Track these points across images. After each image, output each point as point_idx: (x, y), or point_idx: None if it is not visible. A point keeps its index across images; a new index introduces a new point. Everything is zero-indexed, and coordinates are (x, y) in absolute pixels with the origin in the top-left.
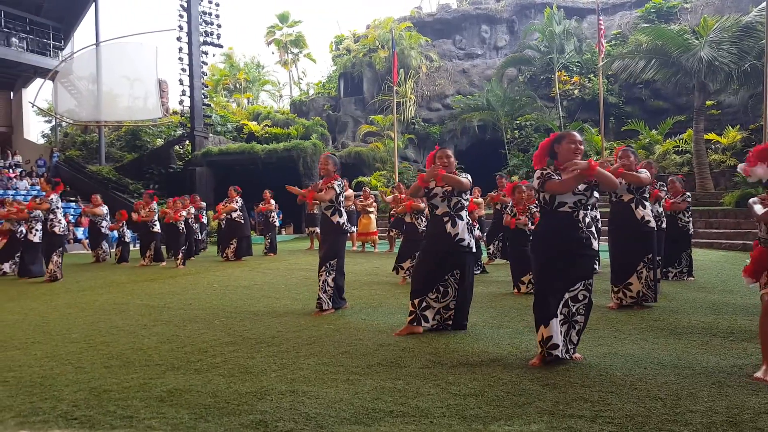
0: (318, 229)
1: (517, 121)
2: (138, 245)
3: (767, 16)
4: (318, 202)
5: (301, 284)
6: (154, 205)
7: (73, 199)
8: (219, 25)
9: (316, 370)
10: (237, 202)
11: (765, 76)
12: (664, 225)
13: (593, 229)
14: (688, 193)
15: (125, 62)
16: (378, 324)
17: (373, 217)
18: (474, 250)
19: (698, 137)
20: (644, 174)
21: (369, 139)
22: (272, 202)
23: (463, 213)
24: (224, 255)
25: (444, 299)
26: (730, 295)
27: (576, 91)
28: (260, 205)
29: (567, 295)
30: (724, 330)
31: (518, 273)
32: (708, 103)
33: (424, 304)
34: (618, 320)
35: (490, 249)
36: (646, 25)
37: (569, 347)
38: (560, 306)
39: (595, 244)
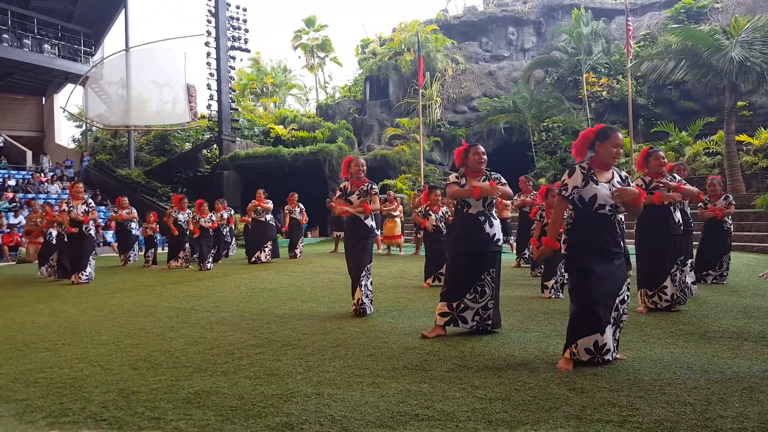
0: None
1: (544, 123)
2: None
3: None
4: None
5: (326, 287)
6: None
7: (105, 203)
8: (246, 30)
9: (342, 372)
10: (269, 203)
11: None
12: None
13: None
14: (730, 195)
15: (154, 67)
16: (403, 327)
17: (398, 220)
18: None
19: (729, 139)
20: (694, 188)
21: (394, 142)
22: (300, 205)
23: (494, 211)
24: (254, 259)
25: (482, 299)
26: (762, 299)
27: (604, 93)
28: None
29: (617, 300)
30: (755, 334)
31: (545, 278)
32: (739, 104)
33: (462, 305)
34: (647, 324)
35: (525, 253)
36: (675, 25)
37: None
38: (612, 312)
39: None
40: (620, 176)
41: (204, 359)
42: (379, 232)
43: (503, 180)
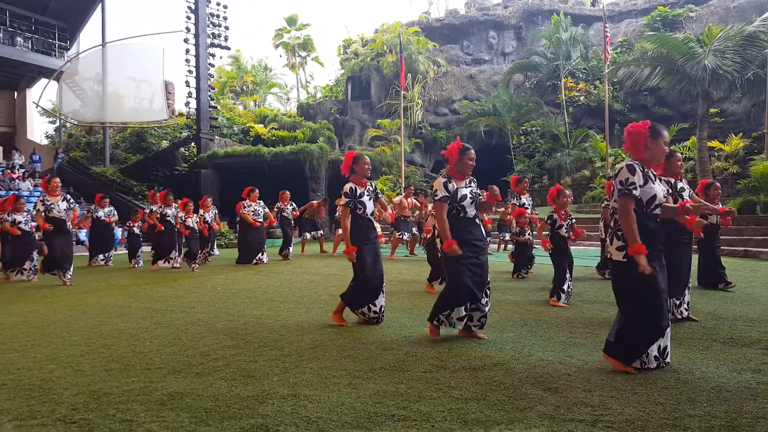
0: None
1: (523, 127)
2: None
3: None
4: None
5: (305, 288)
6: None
7: (78, 201)
8: (227, 27)
9: (319, 374)
10: (293, 204)
11: (767, 85)
12: None
13: None
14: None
15: (131, 63)
16: (381, 328)
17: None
18: None
19: (702, 144)
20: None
21: (376, 143)
22: (293, 203)
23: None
24: (256, 260)
25: (488, 305)
26: (730, 302)
27: (582, 98)
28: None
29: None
30: (723, 336)
31: (560, 282)
32: (711, 111)
33: (473, 306)
34: None
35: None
36: (651, 33)
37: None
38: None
39: None
40: (655, 174)
41: (178, 360)
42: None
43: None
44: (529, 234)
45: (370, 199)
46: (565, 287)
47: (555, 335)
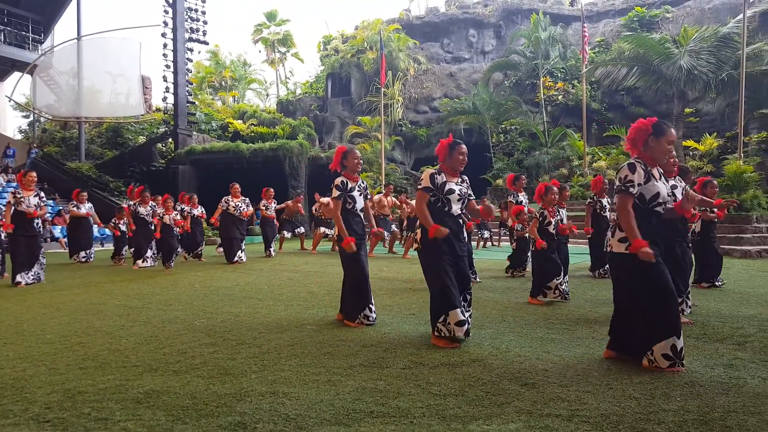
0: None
1: (503, 126)
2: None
3: (743, 28)
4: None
5: (284, 285)
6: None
7: (53, 197)
8: (205, 22)
9: (298, 371)
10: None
11: (741, 86)
12: None
13: None
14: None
15: (108, 57)
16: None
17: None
18: None
19: (677, 144)
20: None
21: (356, 140)
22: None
23: None
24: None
25: (469, 308)
26: (703, 298)
27: (560, 97)
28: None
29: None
30: (696, 332)
31: (544, 279)
32: (687, 110)
33: (466, 314)
34: (596, 322)
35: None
36: (628, 33)
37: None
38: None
39: None
40: (660, 172)
41: (155, 358)
42: (330, 232)
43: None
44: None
45: (360, 195)
46: (554, 285)
47: (532, 332)
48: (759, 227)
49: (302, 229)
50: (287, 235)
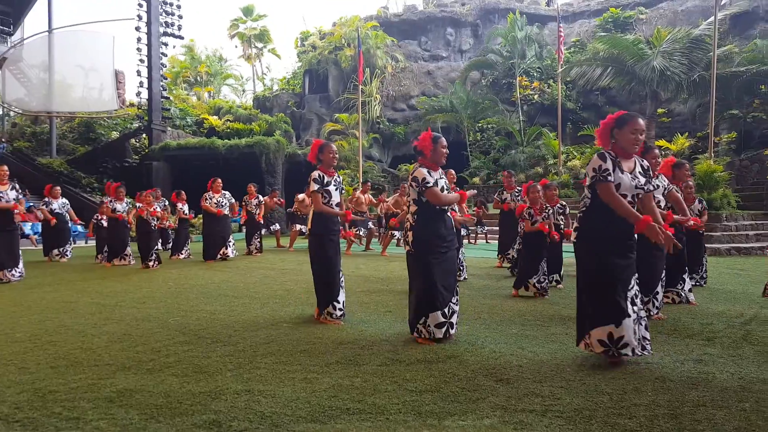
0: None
1: (479, 124)
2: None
3: (714, 30)
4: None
5: (260, 283)
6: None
7: (23, 193)
8: (180, 16)
9: (273, 369)
10: (258, 198)
11: (712, 87)
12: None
13: None
14: (702, 200)
15: (80, 51)
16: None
17: None
18: None
19: (650, 144)
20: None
21: (333, 138)
22: (260, 197)
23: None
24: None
25: (457, 304)
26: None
27: (536, 96)
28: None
29: (630, 293)
30: (668, 327)
31: (525, 275)
32: (659, 111)
33: (451, 311)
34: (569, 318)
35: (509, 253)
36: (603, 33)
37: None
38: (629, 304)
39: None
40: (642, 166)
41: (128, 357)
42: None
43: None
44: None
45: (336, 189)
46: (531, 282)
47: (507, 328)
48: (728, 225)
49: (278, 226)
50: (299, 227)
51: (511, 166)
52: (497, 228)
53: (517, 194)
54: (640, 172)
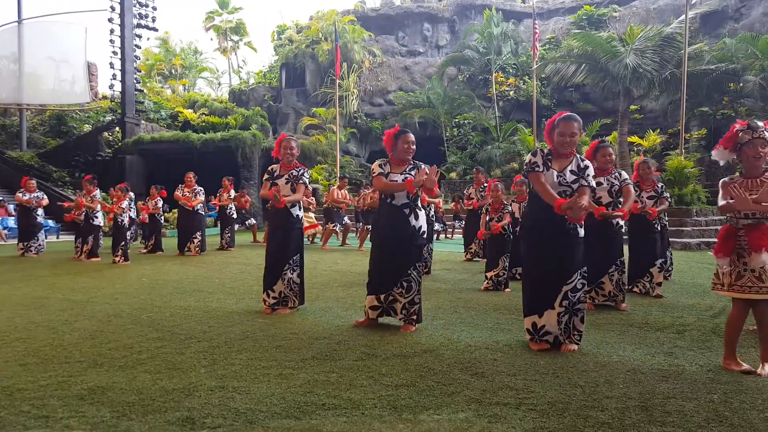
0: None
1: (456, 120)
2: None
3: (686, 29)
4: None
5: (236, 278)
6: (98, 193)
7: None
8: (154, 8)
9: (248, 365)
10: (202, 191)
11: (683, 84)
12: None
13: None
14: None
15: (51, 42)
16: (314, 318)
17: (311, 214)
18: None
19: (622, 139)
20: (631, 197)
21: (311, 132)
22: (232, 192)
23: (418, 203)
24: (187, 249)
25: (409, 294)
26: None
27: (511, 92)
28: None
29: (565, 287)
30: (639, 321)
31: (488, 269)
32: (632, 107)
33: (391, 297)
34: None
35: (472, 248)
36: (577, 31)
37: (571, 334)
38: (558, 297)
39: (581, 233)
40: (579, 166)
41: (100, 354)
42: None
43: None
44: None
45: (287, 183)
46: (492, 274)
47: (482, 322)
48: (698, 220)
49: (253, 221)
50: (236, 226)
51: (488, 162)
52: None
53: (482, 190)
54: (572, 171)
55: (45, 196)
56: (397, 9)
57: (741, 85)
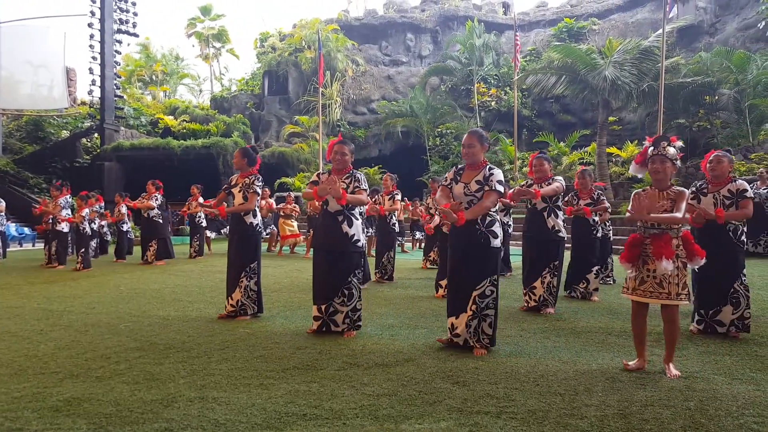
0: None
1: (439, 129)
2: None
3: (663, 42)
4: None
5: (216, 287)
6: (67, 199)
7: None
8: (135, 14)
9: (229, 375)
10: (156, 198)
11: (660, 96)
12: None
13: (493, 229)
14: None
15: (29, 46)
16: (296, 327)
17: (294, 222)
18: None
19: (601, 150)
20: (555, 185)
21: (293, 140)
22: (201, 199)
23: (356, 211)
24: (144, 258)
25: (350, 302)
26: (625, 298)
27: (493, 103)
28: (189, 206)
29: (474, 292)
30: (618, 330)
31: (438, 276)
32: (610, 119)
33: (332, 308)
34: (524, 320)
35: (431, 256)
36: (558, 43)
37: (480, 338)
38: (467, 301)
39: (495, 242)
40: (485, 176)
41: (76, 364)
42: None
43: (364, 185)
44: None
45: (239, 191)
46: (444, 283)
47: None
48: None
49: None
50: (211, 234)
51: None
52: None
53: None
54: (477, 181)
55: (3, 202)
56: (380, 19)
57: (716, 98)
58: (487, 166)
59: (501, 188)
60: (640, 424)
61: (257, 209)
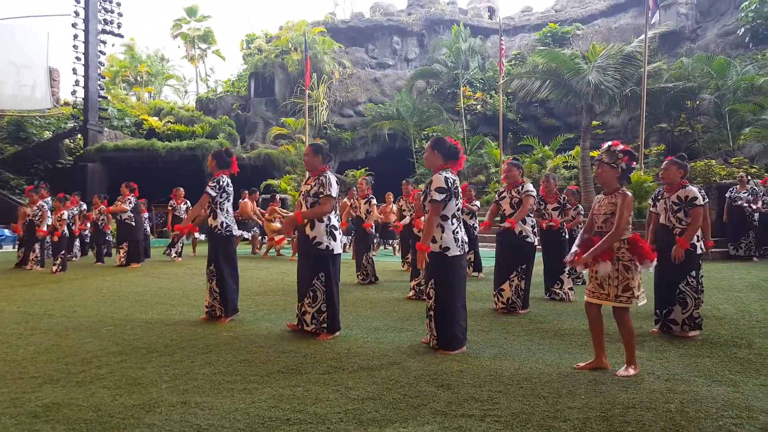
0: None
1: (425, 132)
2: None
3: (645, 47)
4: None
5: (200, 290)
6: (48, 201)
7: None
8: (120, 14)
9: (212, 379)
10: (129, 201)
11: (642, 101)
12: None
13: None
14: (580, 206)
15: (11, 46)
16: (280, 331)
17: (278, 223)
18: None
19: (585, 154)
20: (525, 207)
21: (279, 142)
22: (188, 202)
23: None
24: (118, 261)
25: (315, 304)
26: None
27: (479, 107)
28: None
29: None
30: None
31: (411, 277)
32: (594, 123)
33: (303, 308)
34: (508, 323)
35: (408, 258)
36: (542, 47)
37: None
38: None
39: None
40: (431, 182)
41: (56, 369)
42: (250, 234)
43: (329, 190)
44: None
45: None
46: (414, 284)
47: None
48: None
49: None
50: (201, 237)
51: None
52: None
53: (413, 204)
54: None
55: None
56: (366, 22)
57: (697, 102)
58: (438, 174)
59: (436, 197)
60: (622, 426)
61: (218, 211)
